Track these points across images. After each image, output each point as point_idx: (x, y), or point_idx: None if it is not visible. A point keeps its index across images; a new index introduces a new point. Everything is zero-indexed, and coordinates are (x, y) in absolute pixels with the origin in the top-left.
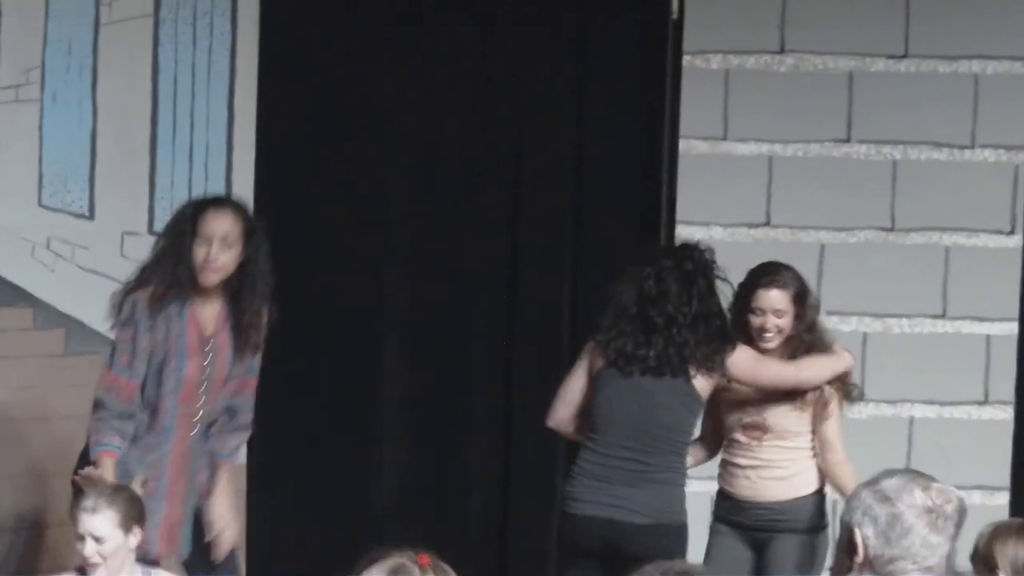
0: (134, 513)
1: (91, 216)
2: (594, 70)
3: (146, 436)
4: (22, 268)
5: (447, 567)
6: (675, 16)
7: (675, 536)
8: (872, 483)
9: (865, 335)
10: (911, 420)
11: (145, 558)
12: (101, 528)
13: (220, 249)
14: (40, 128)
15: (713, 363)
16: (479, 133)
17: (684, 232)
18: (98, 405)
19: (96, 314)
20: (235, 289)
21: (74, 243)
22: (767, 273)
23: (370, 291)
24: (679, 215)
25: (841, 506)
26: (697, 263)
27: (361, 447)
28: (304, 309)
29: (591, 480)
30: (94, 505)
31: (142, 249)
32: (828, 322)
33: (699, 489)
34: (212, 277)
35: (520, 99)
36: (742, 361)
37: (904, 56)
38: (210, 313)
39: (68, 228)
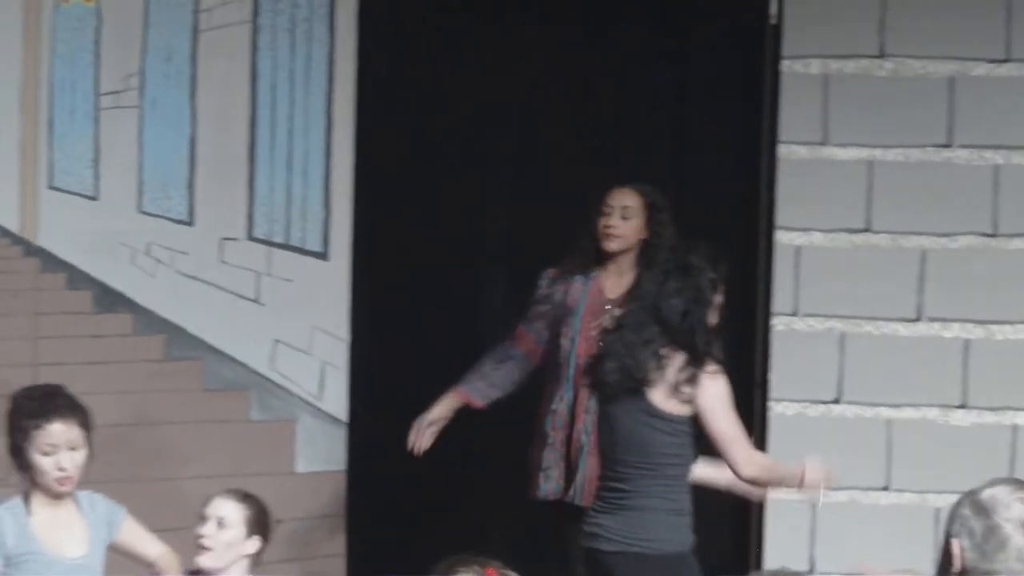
0: (263, 522)
1: (190, 222)
2: (693, 75)
3: (553, 386)
4: (122, 274)
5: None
6: (774, 21)
7: (652, 566)
8: (972, 493)
9: (967, 342)
10: (1014, 428)
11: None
12: (229, 514)
13: (619, 218)
14: (140, 135)
15: (678, 385)
16: (578, 139)
17: (783, 238)
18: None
19: (196, 319)
20: (644, 259)
21: (174, 249)
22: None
23: (468, 296)
24: (778, 221)
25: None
26: (681, 263)
27: (465, 453)
28: (402, 314)
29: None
30: (231, 494)
31: (241, 255)
32: (930, 329)
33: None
34: (611, 244)
35: (619, 104)
36: (708, 393)
37: (1005, 60)
38: (615, 281)
39: (168, 234)
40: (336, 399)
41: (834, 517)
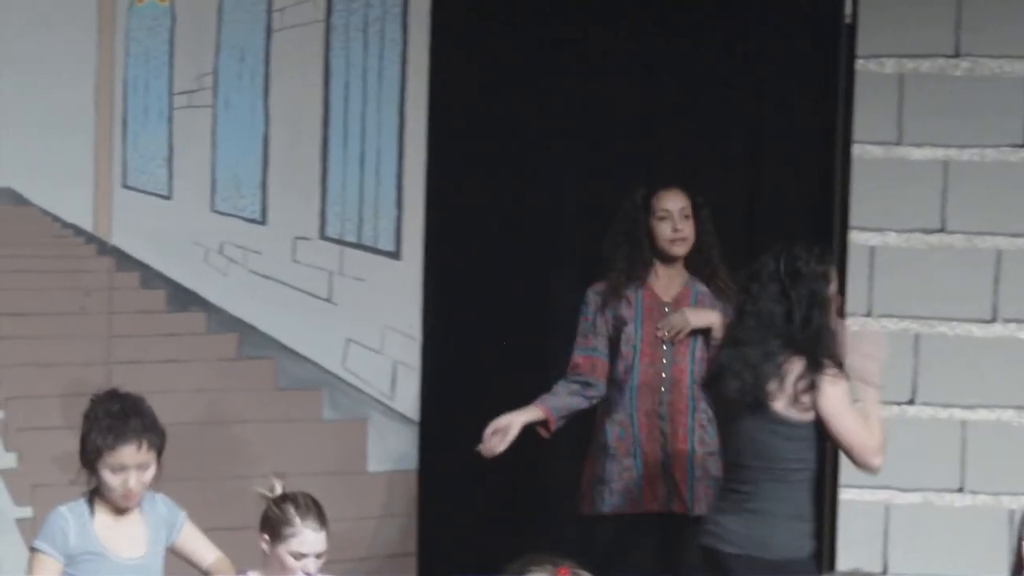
0: (327, 522)
1: (263, 221)
2: (768, 76)
3: (614, 397)
4: (195, 273)
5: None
6: (849, 20)
7: (769, 570)
8: None
9: None
10: None
11: None
12: (322, 543)
13: (682, 221)
14: (213, 134)
15: (796, 393)
16: (651, 138)
17: (858, 238)
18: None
19: (269, 318)
20: (693, 262)
21: (247, 248)
22: None
23: (539, 295)
24: (853, 221)
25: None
26: (790, 271)
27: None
28: (474, 313)
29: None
30: (317, 524)
31: (313, 254)
32: (1005, 329)
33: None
34: (679, 248)
35: (692, 104)
36: (829, 397)
37: None
38: (667, 284)
39: (240, 233)
40: (408, 398)
41: (908, 519)
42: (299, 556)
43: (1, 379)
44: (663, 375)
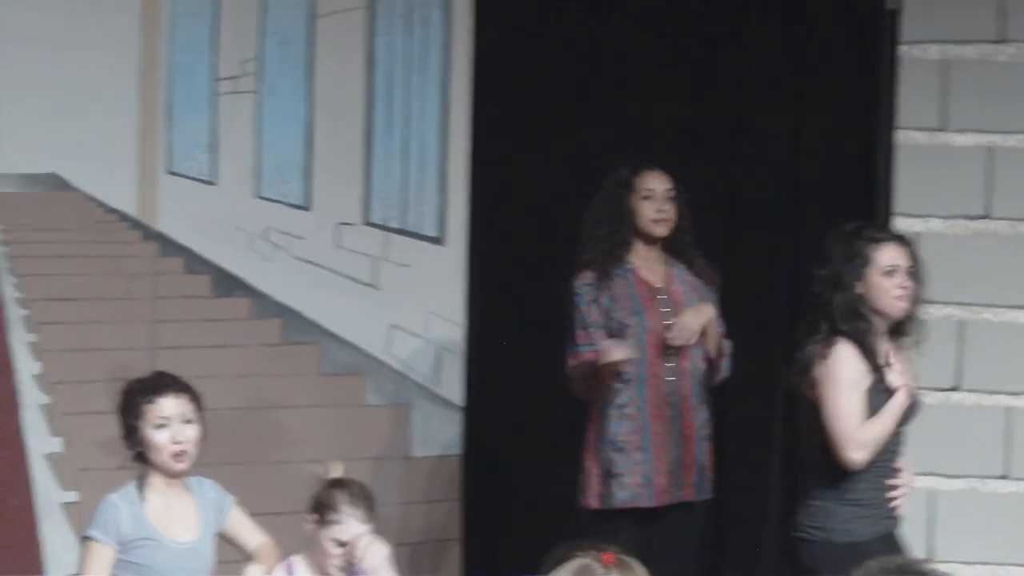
0: (374, 509)
1: (307, 207)
2: (810, 61)
3: (621, 388)
4: (239, 258)
5: (633, 563)
6: (892, 6)
7: (820, 553)
8: None
9: None
10: None
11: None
12: (364, 532)
13: (666, 202)
14: (257, 120)
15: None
16: (696, 125)
17: (902, 224)
18: (573, 379)
19: (312, 304)
20: (671, 245)
21: (291, 234)
22: None
23: None
24: (896, 207)
25: None
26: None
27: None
28: (517, 299)
29: None
30: (363, 515)
31: (357, 240)
32: None
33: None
34: (661, 229)
35: (736, 91)
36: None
37: None
38: (654, 268)
39: (284, 219)
40: (452, 383)
41: (953, 506)
42: (341, 544)
43: (47, 364)
44: (669, 364)
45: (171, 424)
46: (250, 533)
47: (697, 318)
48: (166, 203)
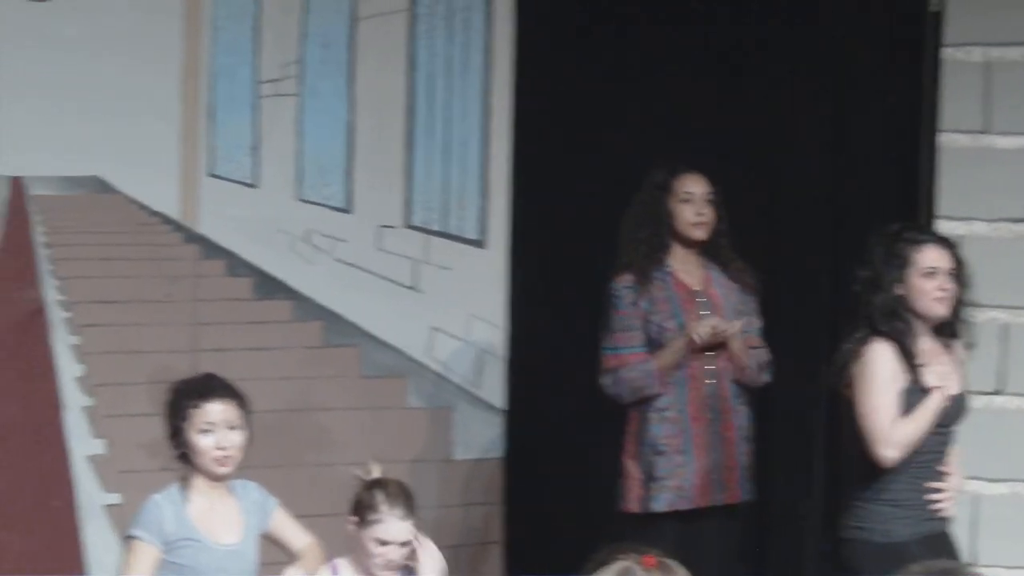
0: (415, 508)
1: (349, 210)
2: (853, 63)
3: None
4: (281, 261)
5: (675, 565)
6: (935, 8)
7: (858, 552)
8: None
9: None
10: None
11: None
12: (409, 532)
13: (706, 205)
14: (298, 123)
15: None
16: (738, 127)
17: (945, 227)
18: (616, 381)
19: (354, 306)
20: (708, 248)
21: (332, 236)
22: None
23: None
24: (939, 210)
25: None
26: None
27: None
28: (559, 302)
29: None
30: (403, 513)
31: (399, 242)
32: None
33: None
34: (701, 232)
35: (778, 92)
36: (856, 370)
37: None
38: (691, 271)
39: (326, 221)
40: (493, 386)
41: (996, 510)
42: (383, 543)
43: (89, 366)
44: (709, 367)
45: (216, 430)
46: (295, 534)
47: (727, 328)
48: (208, 206)
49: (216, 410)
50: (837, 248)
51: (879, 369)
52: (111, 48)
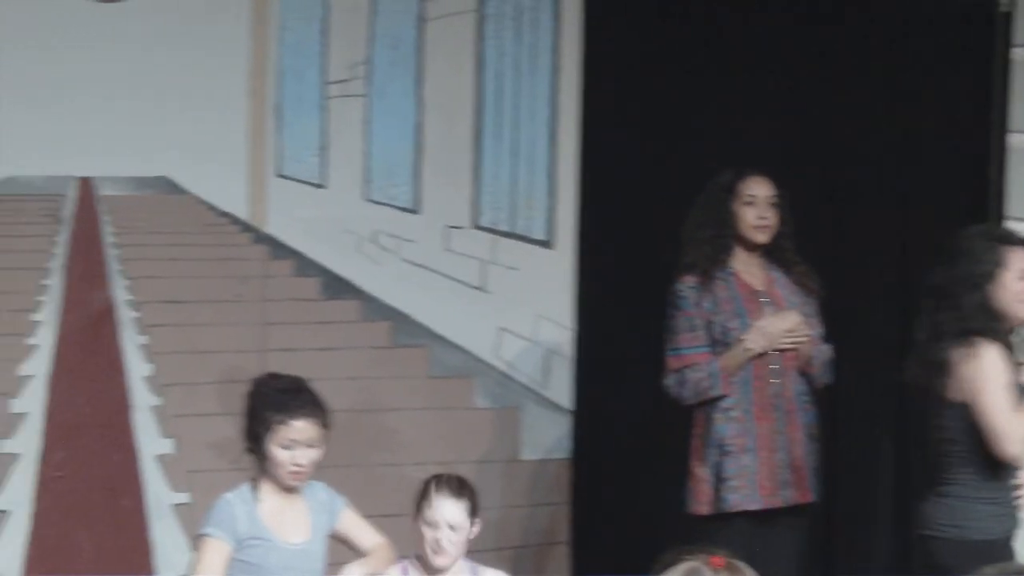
0: (477, 503)
1: (416, 210)
2: (922, 63)
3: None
4: (348, 261)
5: (742, 566)
6: (1004, 8)
7: (954, 550)
8: None
9: None
10: None
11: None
12: (456, 517)
13: (768, 208)
14: (366, 123)
15: (937, 363)
16: (806, 128)
17: (1014, 228)
18: (679, 382)
19: (421, 306)
20: (771, 251)
21: (400, 237)
22: None
23: None
24: (1008, 210)
25: None
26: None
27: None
28: (627, 303)
29: None
30: (455, 493)
31: (466, 243)
32: None
33: None
34: (763, 236)
35: (847, 93)
36: (970, 370)
37: None
38: (754, 273)
39: (394, 222)
40: (560, 387)
41: None
42: (433, 524)
43: (158, 366)
44: (773, 366)
45: (296, 447)
46: (364, 534)
47: (779, 323)
48: (276, 206)
49: (301, 428)
50: (906, 248)
51: (994, 369)
52: (180, 48)
